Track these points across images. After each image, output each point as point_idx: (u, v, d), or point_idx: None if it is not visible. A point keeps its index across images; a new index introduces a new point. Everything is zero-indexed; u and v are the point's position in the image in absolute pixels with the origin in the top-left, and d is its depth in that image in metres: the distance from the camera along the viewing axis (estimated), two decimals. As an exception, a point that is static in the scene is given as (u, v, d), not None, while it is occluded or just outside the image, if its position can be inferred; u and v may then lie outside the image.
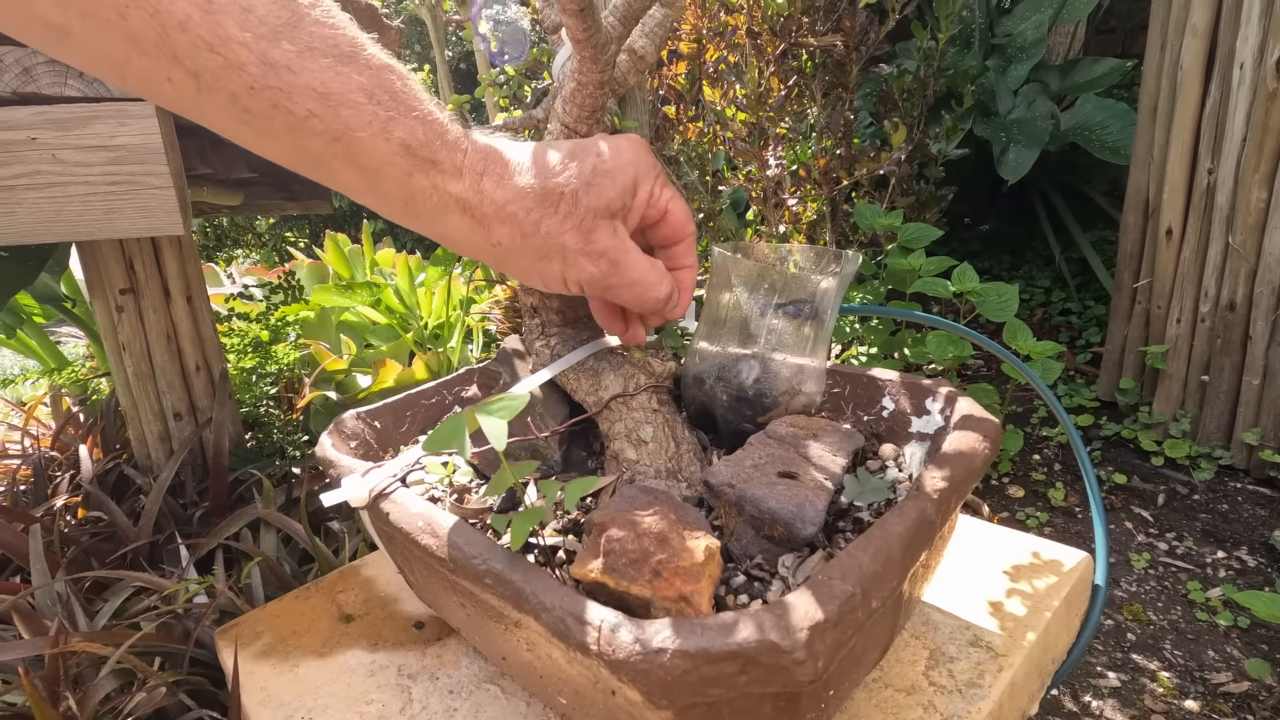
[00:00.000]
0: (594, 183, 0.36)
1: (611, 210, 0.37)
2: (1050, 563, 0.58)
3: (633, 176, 0.38)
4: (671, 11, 0.56)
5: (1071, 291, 2.41)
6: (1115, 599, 1.28)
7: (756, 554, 0.39)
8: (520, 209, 0.35)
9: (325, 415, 1.30)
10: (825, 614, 0.28)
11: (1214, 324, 1.57)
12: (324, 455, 0.49)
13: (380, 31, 1.01)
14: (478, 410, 0.35)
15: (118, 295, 1.03)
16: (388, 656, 0.52)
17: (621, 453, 0.48)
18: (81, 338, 1.93)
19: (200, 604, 0.72)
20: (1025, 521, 1.50)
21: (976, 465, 0.41)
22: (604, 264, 0.37)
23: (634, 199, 0.38)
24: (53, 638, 0.58)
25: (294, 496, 1.03)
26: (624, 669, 0.28)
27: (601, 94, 0.50)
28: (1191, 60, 1.51)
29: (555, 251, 0.36)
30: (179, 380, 1.10)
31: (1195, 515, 1.48)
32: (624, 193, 0.37)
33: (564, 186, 0.35)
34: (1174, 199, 1.60)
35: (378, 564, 0.65)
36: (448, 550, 0.37)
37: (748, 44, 1.34)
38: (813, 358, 0.49)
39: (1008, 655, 0.47)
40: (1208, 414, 1.61)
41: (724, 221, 1.62)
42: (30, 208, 0.74)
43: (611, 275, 0.38)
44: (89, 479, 1.02)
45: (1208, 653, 1.14)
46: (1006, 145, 2.09)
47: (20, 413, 1.40)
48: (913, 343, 1.48)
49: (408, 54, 4.19)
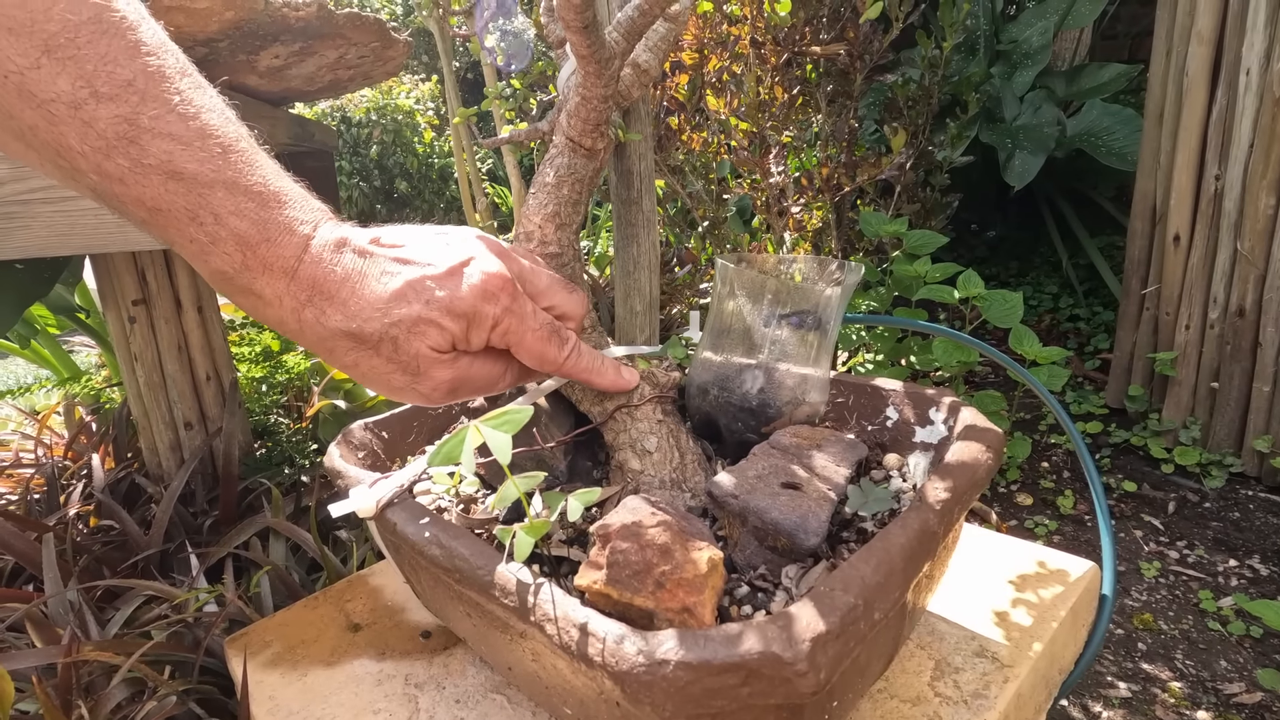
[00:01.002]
0: (417, 333, 0.35)
1: (440, 353, 0.36)
2: (1056, 572, 0.57)
3: (462, 329, 0.37)
4: (675, 26, 0.57)
5: (1079, 297, 2.40)
6: (1126, 608, 1.27)
7: (760, 565, 0.39)
8: (338, 346, 0.35)
9: (333, 424, 1.31)
10: (828, 625, 0.29)
11: (1223, 330, 1.56)
12: (332, 466, 0.50)
13: (388, 45, 1.03)
14: (482, 424, 0.36)
15: (130, 306, 1.04)
16: (395, 666, 0.52)
17: (626, 463, 0.48)
18: (93, 347, 1.95)
19: (210, 613, 0.73)
20: (1034, 529, 1.49)
21: (980, 476, 0.41)
22: (436, 396, 0.38)
23: (467, 342, 0.38)
24: (65, 647, 0.58)
25: (303, 505, 1.03)
26: (628, 680, 0.29)
27: (606, 108, 0.51)
28: (1197, 67, 1.50)
29: (380, 383, 0.37)
30: (190, 390, 1.12)
31: (1206, 523, 1.47)
32: (451, 340, 0.37)
33: (385, 334, 0.35)
34: (1181, 205, 1.59)
35: (385, 573, 0.65)
36: (454, 561, 0.37)
37: (751, 54, 1.34)
38: (816, 367, 0.50)
39: (1014, 666, 0.47)
40: (1218, 421, 1.60)
41: (728, 229, 1.63)
42: (45, 221, 0.75)
43: (459, 392, 0.39)
44: (101, 488, 1.03)
45: (1220, 663, 1.13)
46: (1012, 152, 2.09)
47: (34, 422, 1.42)
48: (919, 349, 1.48)
49: (415, 64, 4.23)
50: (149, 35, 0.30)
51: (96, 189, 0.30)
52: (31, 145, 0.29)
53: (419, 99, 3.56)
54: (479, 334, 0.37)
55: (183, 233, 0.31)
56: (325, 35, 0.93)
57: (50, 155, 0.29)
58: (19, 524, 0.89)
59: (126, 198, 0.30)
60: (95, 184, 0.30)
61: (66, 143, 0.28)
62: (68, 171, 0.30)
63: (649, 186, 0.68)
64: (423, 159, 3.43)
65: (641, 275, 0.68)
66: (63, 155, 0.29)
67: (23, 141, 0.29)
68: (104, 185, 0.30)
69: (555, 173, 0.53)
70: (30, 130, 0.28)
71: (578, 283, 0.55)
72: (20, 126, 0.28)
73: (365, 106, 3.27)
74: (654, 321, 0.72)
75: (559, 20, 0.42)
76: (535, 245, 0.52)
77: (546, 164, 0.53)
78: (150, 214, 0.31)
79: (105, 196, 0.30)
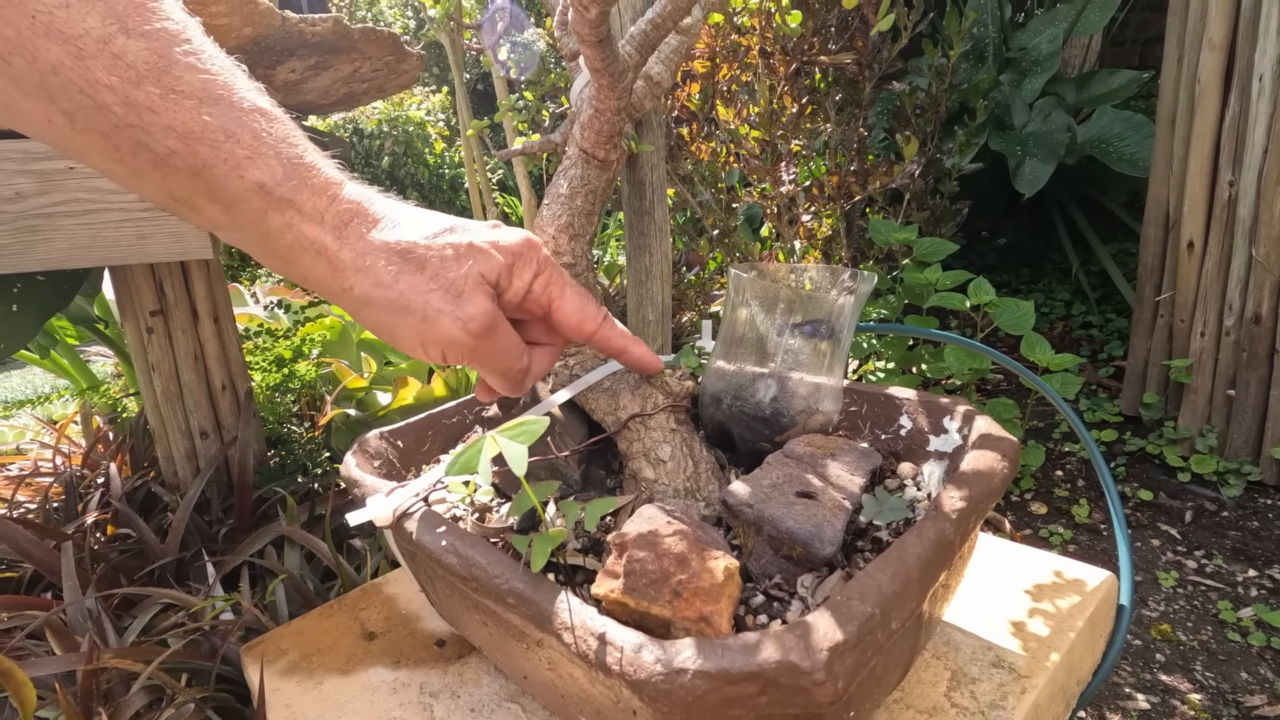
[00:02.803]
0: (468, 255, 0.36)
1: (488, 281, 0.37)
2: (1073, 582, 0.57)
3: (509, 263, 0.38)
4: (687, 39, 0.57)
5: (1092, 304, 2.38)
6: (1143, 618, 1.25)
7: (775, 574, 0.39)
8: (380, 260, 0.35)
9: (346, 432, 1.32)
10: (845, 635, 0.29)
11: (1239, 337, 1.54)
12: (349, 475, 0.50)
13: (402, 59, 1.04)
14: (499, 434, 0.36)
15: (148, 317, 1.06)
16: (410, 674, 0.53)
17: (640, 472, 0.48)
18: (109, 356, 1.98)
19: (226, 621, 0.73)
20: (1049, 539, 1.48)
21: (995, 485, 0.41)
22: (474, 327, 0.36)
23: (509, 283, 0.39)
24: (85, 654, 0.59)
25: (317, 513, 1.04)
26: (646, 689, 0.29)
27: (619, 119, 0.51)
28: (1209, 73, 1.50)
29: (415, 308, 0.35)
30: (205, 399, 1.13)
31: (1224, 532, 1.45)
32: (499, 272, 0.38)
33: (432, 251, 0.36)
34: (1195, 212, 1.58)
35: (399, 582, 0.66)
36: (470, 570, 0.38)
37: (760, 63, 1.35)
38: (830, 376, 0.50)
39: (1031, 676, 0.47)
40: (1235, 429, 1.58)
41: (739, 238, 1.63)
42: (68, 234, 0.77)
43: (480, 340, 0.37)
44: (118, 496, 1.04)
45: (1240, 674, 1.11)
46: (1022, 159, 2.09)
47: (52, 431, 1.43)
48: (930, 357, 1.47)
49: (426, 76, 4.28)
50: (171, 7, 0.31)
51: (119, 122, 0.29)
52: (48, 91, 0.29)
53: (430, 110, 3.60)
54: (523, 276, 0.39)
55: (217, 151, 0.31)
56: (340, 50, 0.94)
57: (71, 94, 0.29)
58: (38, 532, 0.91)
59: (155, 126, 0.30)
60: (119, 117, 0.29)
61: (94, 76, 0.28)
62: (89, 109, 0.29)
63: (661, 197, 0.69)
64: (433, 170, 3.46)
65: (654, 285, 0.68)
66: (86, 90, 0.29)
67: (41, 90, 0.29)
68: (130, 116, 0.29)
69: (569, 184, 0.53)
70: (52, 71, 0.28)
71: (591, 290, 0.55)
72: (41, 71, 0.28)
73: (377, 118, 3.31)
74: (666, 330, 0.72)
75: (573, 34, 0.42)
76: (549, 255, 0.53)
77: (560, 175, 0.54)
78: (181, 139, 0.30)
79: (127, 129, 0.30)
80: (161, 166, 0.31)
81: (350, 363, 1.61)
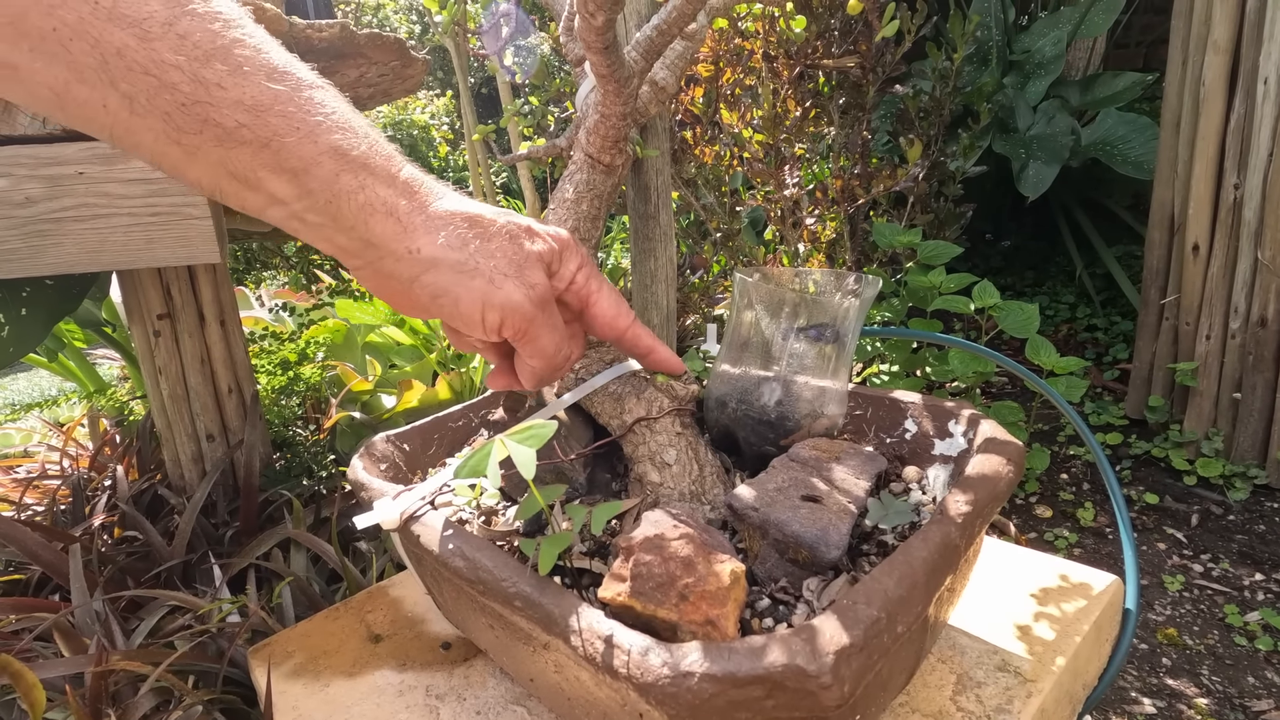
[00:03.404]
0: (528, 234, 0.39)
1: (544, 260, 0.39)
2: (1079, 586, 0.57)
3: (559, 249, 0.41)
4: (692, 44, 0.57)
5: (1096, 307, 2.38)
6: (1150, 622, 1.25)
7: (781, 577, 0.39)
8: (450, 225, 0.36)
9: (351, 435, 1.32)
10: (851, 638, 0.29)
11: (1245, 340, 1.54)
12: (355, 478, 0.50)
13: (407, 64, 1.05)
14: (508, 438, 0.36)
15: (155, 320, 1.07)
16: (416, 677, 0.53)
17: (645, 475, 0.48)
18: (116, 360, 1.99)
19: (233, 623, 0.73)
20: (1054, 542, 1.47)
21: (1000, 489, 0.41)
22: (535, 295, 0.38)
23: (559, 268, 0.41)
24: (94, 656, 0.59)
25: (322, 516, 1.05)
26: (653, 692, 0.29)
27: (625, 125, 0.51)
28: (1214, 76, 1.50)
29: (482, 271, 0.36)
30: (212, 402, 1.13)
31: (1231, 536, 1.45)
32: (552, 255, 0.40)
33: (497, 224, 0.38)
34: (1200, 215, 1.58)
35: (405, 584, 0.66)
36: (477, 573, 0.38)
37: (764, 67, 1.36)
38: (834, 380, 0.50)
39: (1036, 680, 0.47)
40: (1241, 432, 1.58)
41: (742, 241, 1.63)
42: (76, 239, 0.77)
43: (539, 311, 0.38)
44: (125, 499, 1.05)
45: (1247, 679, 1.11)
46: (1026, 162, 2.09)
47: (60, 434, 1.44)
48: (934, 360, 1.47)
49: (430, 80, 4.30)
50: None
51: (186, 100, 0.30)
52: (109, 75, 0.29)
53: (434, 114, 3.61)
54: (569, 265, 0.41)
55: (289, 120, 0.32)
56: (347, 55, 0.95)
57: (135, 76, 0.29)
58: (46, 534, 0.91)
59: (224, 101, 0.30)
60: (186, 95, 0.30)
61: (160, 57, 0.29)
62: (153, 89, 0.29)
63: (666, 201, 0.69)
64: (438, 173, 3.48)
65: (659, 288, 0.69)
66: (152, 71, 0.29)
67: (101, 74, 0.29)
68: (198, 93, 0.30)
69: (574, 189, 0.54)
70: (117, 55, 0.29)
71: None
72: (104, 55, 0.28)
73: (382, 122, 3.32)
74: (671, 334, 0.72)
75: (579, 40, 0.43)
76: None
77: (566, 180, 0.54)
78: (251, 112, 0.31)
79: (195, 105, 0.30)
80: (227, 140, 0.31)
81: (355, 366, 1.62)
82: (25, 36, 0.27)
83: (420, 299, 0.37)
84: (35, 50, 0.28)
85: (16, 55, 0.28)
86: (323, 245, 0.35)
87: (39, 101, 0.29)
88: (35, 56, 0.28)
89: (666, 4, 0.45)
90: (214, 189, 0.33)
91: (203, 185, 0.33)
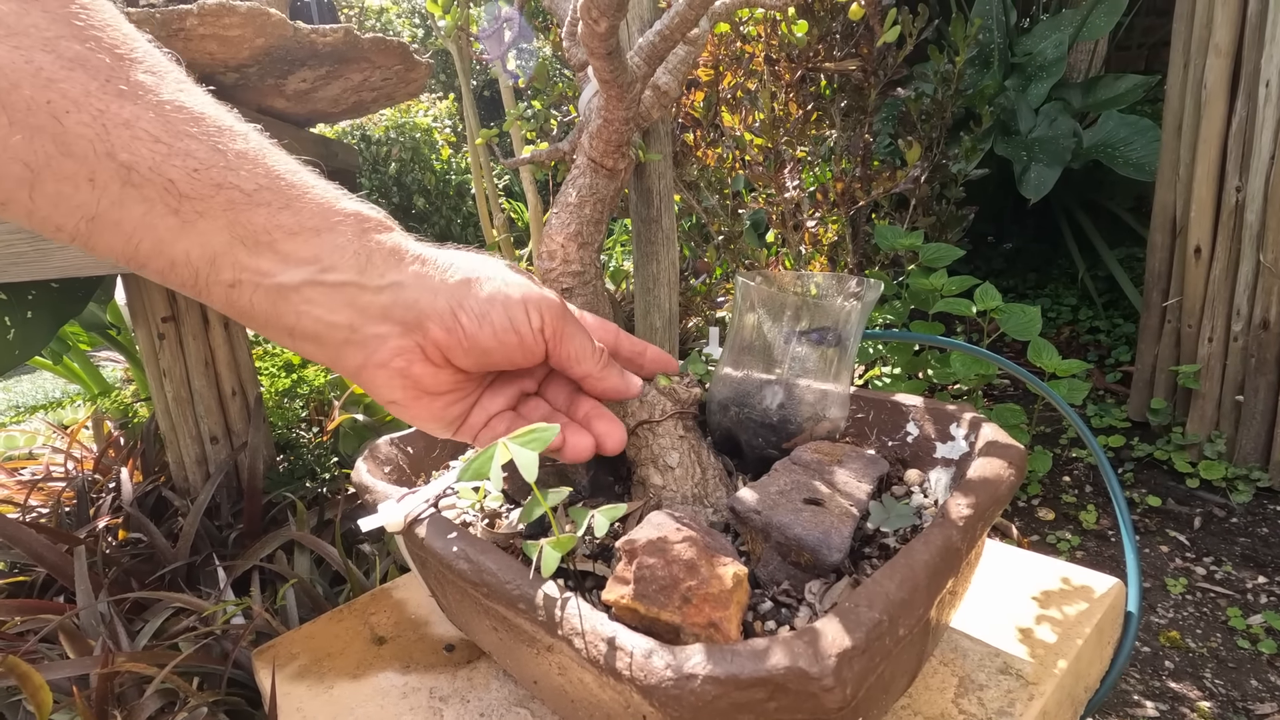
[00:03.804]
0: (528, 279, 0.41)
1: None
2: (1081, 589, 0.57)
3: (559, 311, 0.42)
4: (694, 49, 0.58)
5: (1099, 309, 2.37)
6: (1152, 625, 1.25)
7: (783, 580, 0.39)
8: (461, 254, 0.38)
9: (354, 437, 1.33)
10: (853, 641, 0.29)
11: (1247, 343, 1.54)
12: (360, 481, 0.51)
13: (411, 68, 1.05)
14: (510, 441, 0.36)
15: (160, 323, 1.07)
16: (419, 679, 0.53)
17: (648, 478, 0.49)
18: (121, 362, 1.99)
19: (237, 625, 0.74)
20: (1056, 545, 1.47)
21: (1002, 492, 0.41)
22: (558, 295, 0.40)
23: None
24: (100, 658, 0.60)
25: (325, 518, 1.05)
26: (656, 694, 0.29)
27: (627, 129, 0.52)
28: (1215, 79, 1.50)
29: (512, 281, 0.38)
30: (216, 405, 1.14)
31: (1234, 539, 1.44)
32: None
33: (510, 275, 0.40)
34: (1202, 217, 1.58)
35: (408, 586, 0.66)
36: (481, 575, 0.38)
37: (765, 70, 1.36)
38: (836, 383, 0.50)
39: (1038, 683, 0.47)
40: (1244, 435, 1.57)
41: (744, 244, 1.64)
42: (82, 242, 0.78)
43: (565, 308, 0.40)
44: (129, 501, 1.05)
45: (1250, 682, 1.10)
46: (1028, 164, 2.09)
47: (64, 437, 1.45)
48: (937, 362, 1.47)
49: (433, 83, 4.30)
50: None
51: (200, 165, 0.30)
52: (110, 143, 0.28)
53: (436, 117, 3.62)
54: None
55: (307, 179, 0.34)
56: (351, 59, 0.95)
57: (143, 144, 0.29)
58: (51, 536, 0.92)
59: (244, 162, 0.31)
60: (201, 161, 0.30)
61: (176, 128, 0.30)
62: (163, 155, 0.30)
63: (668, 204, 0.69)
64: (440, 175, 3.48)
65: (661, 292, 0.69)
66: (164, 138, 0.29)
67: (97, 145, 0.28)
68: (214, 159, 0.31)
69: (577, 193, 0.54)
70: (124, 126, 0.29)
71: (599, 298, 0.56)
72: (104, 126, 0.28)
73: (384, 125, 3.33)
74: (674, 337, 0.73)
75: (582, 46, 0.43)
76: (558, 264, 0.53)
77: (569, 184, 0.55)
78: (269, 176, 0.32)
79: (208, 172, 0.30)
80: (243, 204, 0.31)
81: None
82: (6, 108, 0.26)
83: (466, 324, 0.37)
84: (16, 123, 0.27)
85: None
86: (340, 310, 0.34)
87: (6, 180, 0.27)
88: (14, 130, 0.27)
89: (669, 9, 0.46)
90: (207, 260, 0.32)
91: (190, 258, 0.31)
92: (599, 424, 0.43)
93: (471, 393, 0.42)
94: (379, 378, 0.37)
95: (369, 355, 0.36)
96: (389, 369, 0.36)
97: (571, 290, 0.54)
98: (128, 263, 0.31)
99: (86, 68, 0.28)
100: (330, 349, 0.35)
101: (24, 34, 0.26)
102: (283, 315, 0.34)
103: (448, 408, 0.41)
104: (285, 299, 0.33)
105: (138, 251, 0.31)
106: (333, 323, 0.34)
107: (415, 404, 0.39)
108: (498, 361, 0.39)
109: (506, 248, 2.09)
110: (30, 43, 0.27)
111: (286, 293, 0.33)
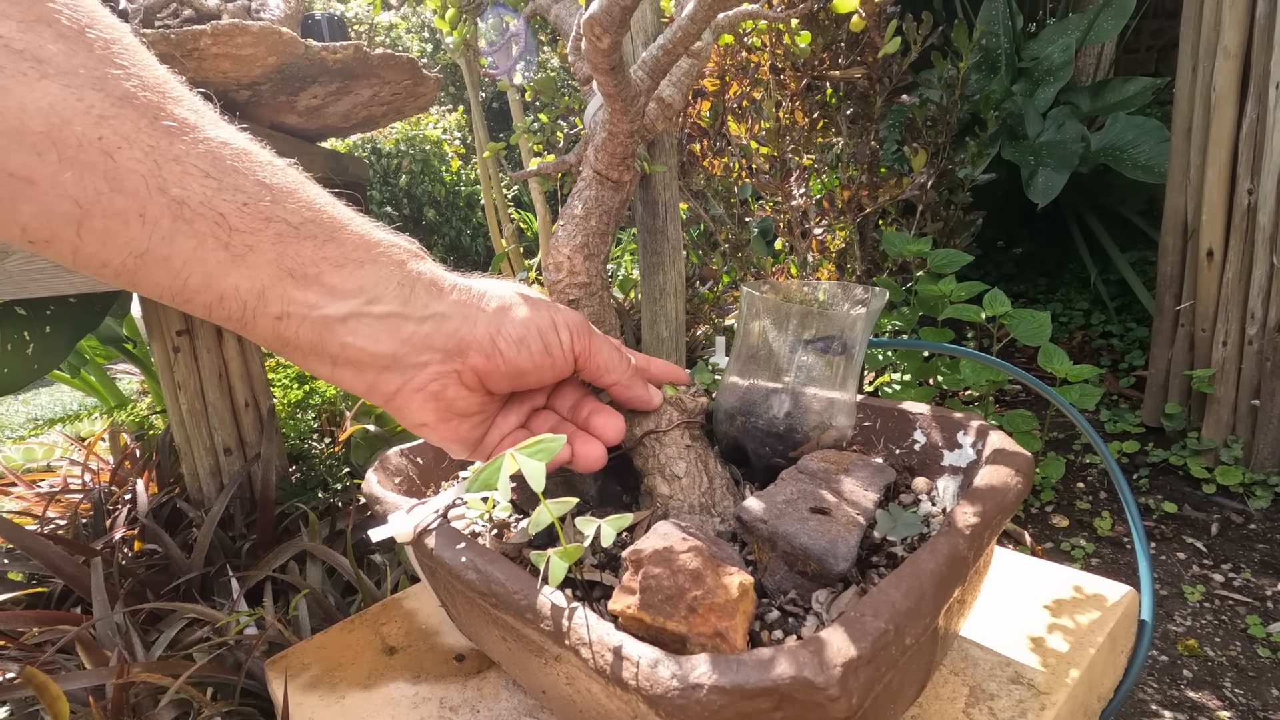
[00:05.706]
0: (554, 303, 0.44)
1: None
2: (1093, 597, 0.57)
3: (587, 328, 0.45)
4: (698, 61, 0.58)
5: (1111, 314, 2.35)
6: (1170, 633, 1.23)
7: (790, 589, 0.39)
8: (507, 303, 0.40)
9: (365, 448, 1.34)
10: (859, 650, 0.29)
11: (1262, 346, 1.52)
12: (370, 491, 0.51)
13: (420, 82, 1.07)
14: (518, 452, 0.37)
15: (174, 337, 1.09)
16: (430, 689, 0.53)
17: (655, 488, 0.49)
18: (137, 375, 2.02)
19: (250, 635, 0.74)
20: (1070, 552, 1.46)
21: (1009, 500, 0.41)
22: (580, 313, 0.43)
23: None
24: (116, 668, 0.60)
25: (337, 529, 1.06)
26: (662, 704, 0.29)
27: (632, 142, 0.52)
28: (1225, 81, 1.49)
29: (540, 303, 0.41)
30: (229, 417, 1.15)
31: (1252, 545, 1.42)
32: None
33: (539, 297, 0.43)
34: (1213, 220, 1.57)
35: (419, 596, 0.66)
36: (489, 585, 0.38)
37: (770, 80, 1.37)
38: (843, 392, 0.50)
39: (1051, 693, 0.47)
40: (1261, 439, 1.55)
41: (752, 251, 1.64)
42: (99, 258, 0.79)
43: (589, 325, 0.42)
44: (145, 513, 1.07)
45: (1271, 691, 1.08)
46: (1035, 168, 2.08)
47: (81, 449, 1.47)
48: (946, 369, 1.47)
49: (442, 96, 4.35)
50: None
51: (249, 200, 0.31)
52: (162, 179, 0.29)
53: (446, 129, 3.66)
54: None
55: (344, 213, 0.35)
56: (361, 75, 0.97)
57: (193, 179, 0.30)
58: (68, 548, 0.93)
59: (289, 197, 0.32)
60: (250, 195, 0.31)
61: (224, 164, 0.31)
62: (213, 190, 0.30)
63: (674, 215, 0.70)
64: (450, 187, 3.51)
65: (668, 302, 0.69)
66: (214, 174, 0.30)
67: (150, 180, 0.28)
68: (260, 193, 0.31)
69: (584, 205, 0.54)
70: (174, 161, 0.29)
71: (605, 309, 0.56)
72: (156, 162, 0.28)
73: (395, 137, 3.37)
74: (681, 346, 0.73)
75: (587, 59, 0.43)
76: (565, 276, 0.54)
77: (575, 197, 0.55)
78: (313, 210, 0.33)
79: (256, 205, 0.31)
80: (290, 237, 0.32)
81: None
82: (57, 145, 0.26)
83: (505, 350, 0.38)
84: (67, 160, 0.26)
85: (40, 167, 0.26)
86: (385, 341, 0.35)
87: (53, 219, 0.27)
88: (64, 167, 0.26)
89: (672, 23, 0.46)
90: (254, 294, 0.32)
91: (239, 292, 0.31)
92: (597, 419, 0.44)
93: (494, 413, 0.43)
94: (414, 401, 0.38)
95: (407, 380, 0.37)
96: (425, 393, 0.38)
97: (578, 302, 0.54)
98: (173, 298, 0.31)
99: (135, 105, 0.28)
100: (369, 375, 0.36)
101: (73, 73, 0.26)
102: (327, 346, 0.34)
103: (473, 429, 0.42)
104: (331, 330, 0.34)
105: (185, 286, 0.30)
106: (377, 353, 0.35)
107: (444, 426, 0.40)
108: (530, 382, 0.40)
109: (515, 257, 2.11)
110: (80, 81, 0.27)
111: (333, 324, 0.34)
